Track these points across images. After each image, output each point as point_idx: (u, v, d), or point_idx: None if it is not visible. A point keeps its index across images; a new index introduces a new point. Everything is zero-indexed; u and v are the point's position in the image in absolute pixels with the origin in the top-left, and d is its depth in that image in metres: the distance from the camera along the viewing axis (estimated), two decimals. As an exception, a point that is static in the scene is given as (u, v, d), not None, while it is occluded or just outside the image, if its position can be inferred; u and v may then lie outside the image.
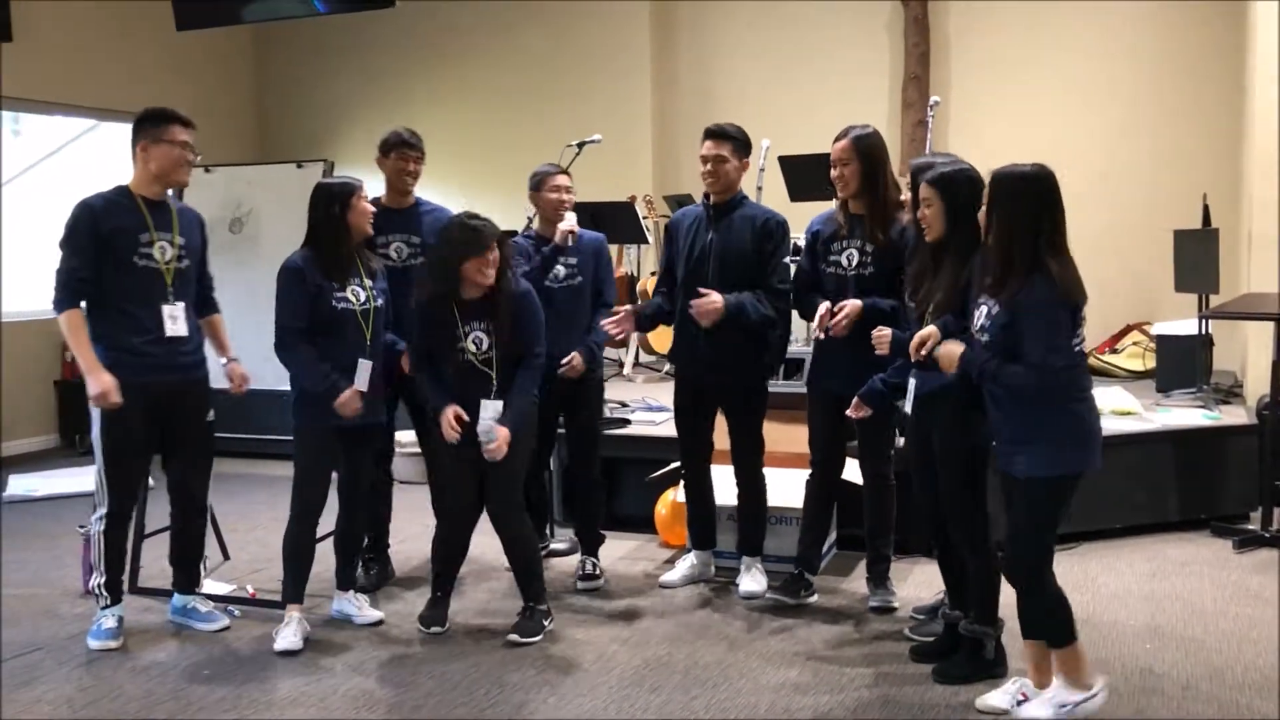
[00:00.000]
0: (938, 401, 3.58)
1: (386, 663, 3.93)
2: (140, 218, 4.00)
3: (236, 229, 7.65)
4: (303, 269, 4.02)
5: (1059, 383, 3.19)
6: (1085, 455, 3.25)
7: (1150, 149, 7.73)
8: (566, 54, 8.98)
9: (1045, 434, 3.21)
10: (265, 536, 5.48)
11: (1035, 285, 3.13)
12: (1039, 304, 3.13)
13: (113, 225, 3.95)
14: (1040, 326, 3.13)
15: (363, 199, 4.13)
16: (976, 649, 3.67)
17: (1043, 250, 3.14)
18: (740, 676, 3.76)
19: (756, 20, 8.66)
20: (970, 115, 8.02)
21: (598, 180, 7.19)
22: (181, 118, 4.10)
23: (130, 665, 3.94)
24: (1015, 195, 3.18)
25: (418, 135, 4.72)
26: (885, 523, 4.38)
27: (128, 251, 3.96)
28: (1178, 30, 7.67)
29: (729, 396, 4.51)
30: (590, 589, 4.67)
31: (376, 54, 9.44)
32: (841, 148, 4.12)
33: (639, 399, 6.48)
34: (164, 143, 4.03)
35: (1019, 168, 3.22)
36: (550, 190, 4.64)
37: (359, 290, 4.10)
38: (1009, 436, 3.29)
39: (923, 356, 3.41)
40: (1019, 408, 3.24)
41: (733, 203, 4.44)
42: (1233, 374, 6.93)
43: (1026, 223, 3.16)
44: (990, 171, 3.27)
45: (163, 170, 4.05)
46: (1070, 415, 3.23)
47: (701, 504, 4.70)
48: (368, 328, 4.10)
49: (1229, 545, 5.10)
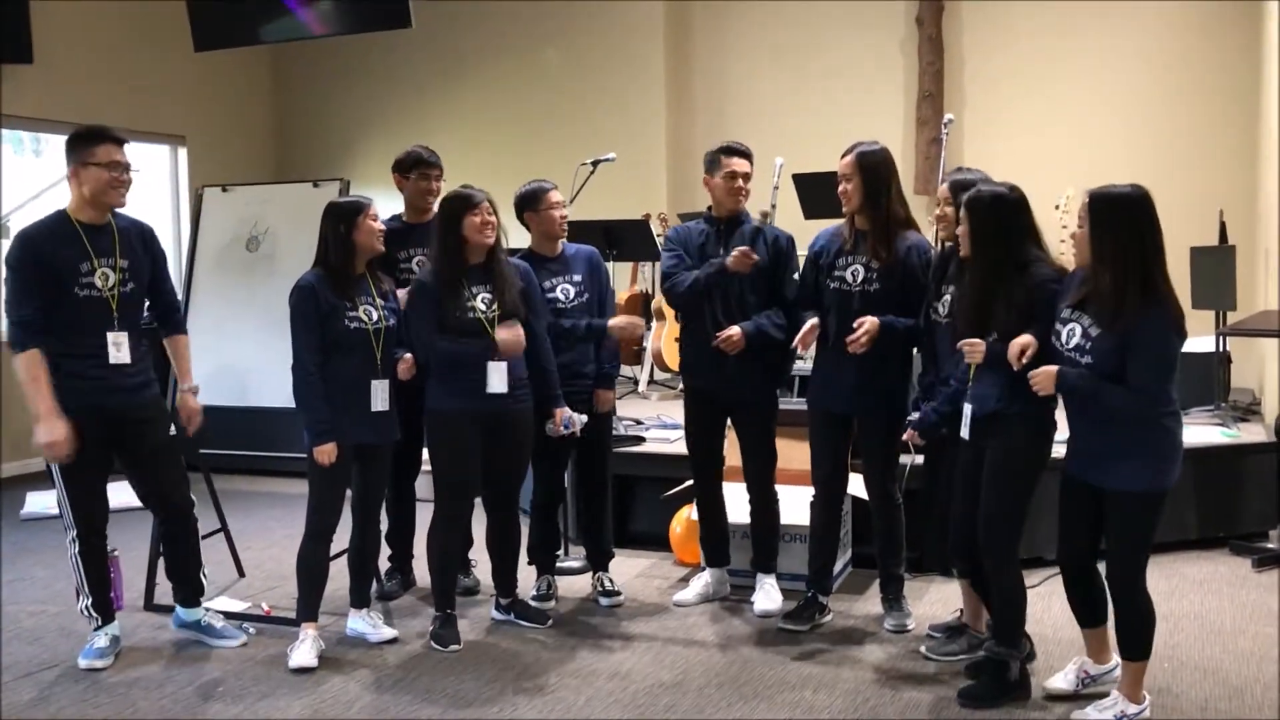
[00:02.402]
0: (997, 423, 3.56)
1: (401, 681, 3.93)
2: (80, 245, 3.85)
3: (253, 247, 7.70)
4: (315, 287, 4.04)
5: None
6: (1175, 469, 3.33)
7: (1166, 165, 7.70)
8: (581, 73, 9.02)
9: (1142, 449, 3.27)
10: (279, 554, 5.49)
11: (1153, 318, 3.17)
12: (1156, 339, 3.19)
13: (53, 255, 3.81)
14: (1152, 359, 3.19)
15: (371, 218, 4.11)
16: (1001, 671, 3.66)
17: (1155, 277, 3.18)
18: (755, 696, 3.74)
19: (771, 39, 8.69)
20: (985, 133, 8.02)
21: (612, 198, 7.22)
22: (112, 135, 3.91)
23: (144, 683, 3.95)
24: (1119, 218, 3.22)
25: (435, 153, 4.76)
26: (895, 542, 4.36)
27: (69, 282, 3.82)
28: (1192, 46, 7.66)
29: (740, 409, 4.51)
30: (615, 604, 4.66)
31: (393, 74, 9.50)
32: (846, 164, 4.14)
33: (654, 416, 6.48)
34: (93, 165, 3.83)
35: (1117, 189, 3.26)
36: (550, 207, 4.52)
37: (371, 310, 4.10)
38: (1103, 450, 3.33)
39: (1024, 363, 3.38)
40: (1115, 423, 3.29)
41: (739, 219, 4.47)
42: (1251, 391, 6.89)
43: (1135, 247, 3.19)
44: (1087, 192, 3.31)
45: (94, 193, 3.86)
46: (1164, 430, 3.28)
47: (714, 520, 4.69)
48: (379, 347, 4.10)
49: (1248, 564, 5.06)
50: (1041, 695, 3.66)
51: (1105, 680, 3.62)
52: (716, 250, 4.43)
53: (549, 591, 4.71)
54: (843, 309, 4.14)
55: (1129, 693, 3.42)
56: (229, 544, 5.16)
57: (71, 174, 3.88)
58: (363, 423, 4.07)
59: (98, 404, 3.90)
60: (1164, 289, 3.20)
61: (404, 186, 4.73)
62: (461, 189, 4.19)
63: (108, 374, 3.92)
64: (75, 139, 3.89)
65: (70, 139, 3.90)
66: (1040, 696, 3.65)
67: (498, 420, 4.17)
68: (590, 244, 5.23)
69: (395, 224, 4.64)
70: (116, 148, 3.90)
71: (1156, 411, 3.25)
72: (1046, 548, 4.49)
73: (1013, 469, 3.56)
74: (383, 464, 4.26)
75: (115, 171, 3.88)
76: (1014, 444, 3.54)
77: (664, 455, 5.56)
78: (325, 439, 3.99)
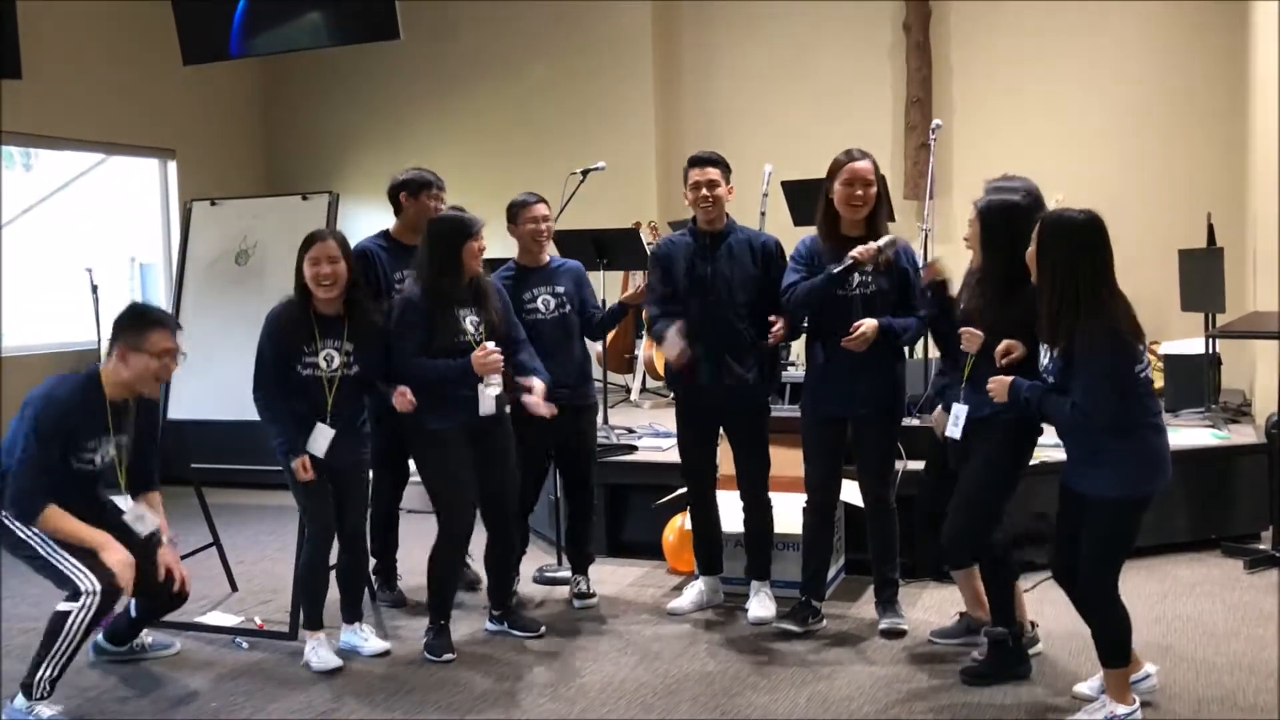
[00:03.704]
0: (986, 427, 3.71)
1: (395, 694, 3.92)
2: (101, 423, 3.80)
3: (242, 261, 7.69)
4: (277, 326, 4.05)
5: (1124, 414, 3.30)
6: (1153, 478, 3.38)
7: (1154, 168, 7.73)
8: (571, 82, 9.02)
9: (1113, 457, 3.32)
10: (271, 567, 5.47)
11: (1087, 333, 3.24)
12: (1091, 359, 3.25)
13: (73, 426, 3.75)
14: (1090, 378, 3.26)
15: (309, 262, 4.02)
16: (1000, 649, 3.82)
17: (1084, 296, 3.26)
18: (750, 705, 3.74)
19: (760, 46, 8.70)
20: (973, 138, 8.03)
21: (603, 207, 7.23)
22: (167, 321, 3.85)
23: (135, 699, 3.93)
24: (1056, 242, 3.32)
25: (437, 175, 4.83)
26: (889, 547, 4.36)
27: (74, 454, 3.77)
28: (1180, 50, 7.69)
29: (733, 417, 4.51)
30: (588, 606, 4.73)
31: (382, 87, 9.49)
32: (868, 169, 4.14)
33: (646, 425, 6.47)
34: (144, 353, 3.76)
35: (1066, 213, 3.36)
36: (527, 221, 4.61)
37: (334, 355, 4.07)
38: (1077, 457, 3.43)
39: (1003, 364, 3.58)
40: (1087, 431, 3.35)
41: (725, 229, 4.44)
42: (1241, 392, 6.90)
43: (1066, 270, 3.29)
44: (1042, 216, 3.42)
45: (134, 380, 3.80)
46: (1137, 439, 3.34)
47: (707, 528, 4.69)
48: (330, 395, 4.06)
49: (1240, 565, 5.06)
50: (1070, 697, 3.68)
51: (1138, 689, 3.54)
52: (705, 264, 4.38)
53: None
54: (846, 313, 4.12)
55: (1116, 695, 3.43)
56: (221, 558, 5.14)
57: (119, 354, 3.78)
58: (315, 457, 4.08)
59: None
60: (1106, 306, 3.27)
61: (409, 207, 4.71)
62: (456, 213, 4.19)
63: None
64: (129, 320, 3.81)
65: (122, 318, 3.82)
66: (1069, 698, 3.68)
67: (485, 431, 4.18)
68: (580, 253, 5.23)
69: (387, 243, 4.72)
70: (169, 335, 3.81)
71: (1127, 417, 3.29)
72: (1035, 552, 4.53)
73: (995, 468, 3.74)
74: (356, 486, 4.26)
75: (164, 360, 3.80)
76: (1000, 446, 3.72)
77: (656, 464, 5.56)
78: (294, 456, 4.01)
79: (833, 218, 4.21)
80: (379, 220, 4.71)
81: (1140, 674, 3.58)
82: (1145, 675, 3.60)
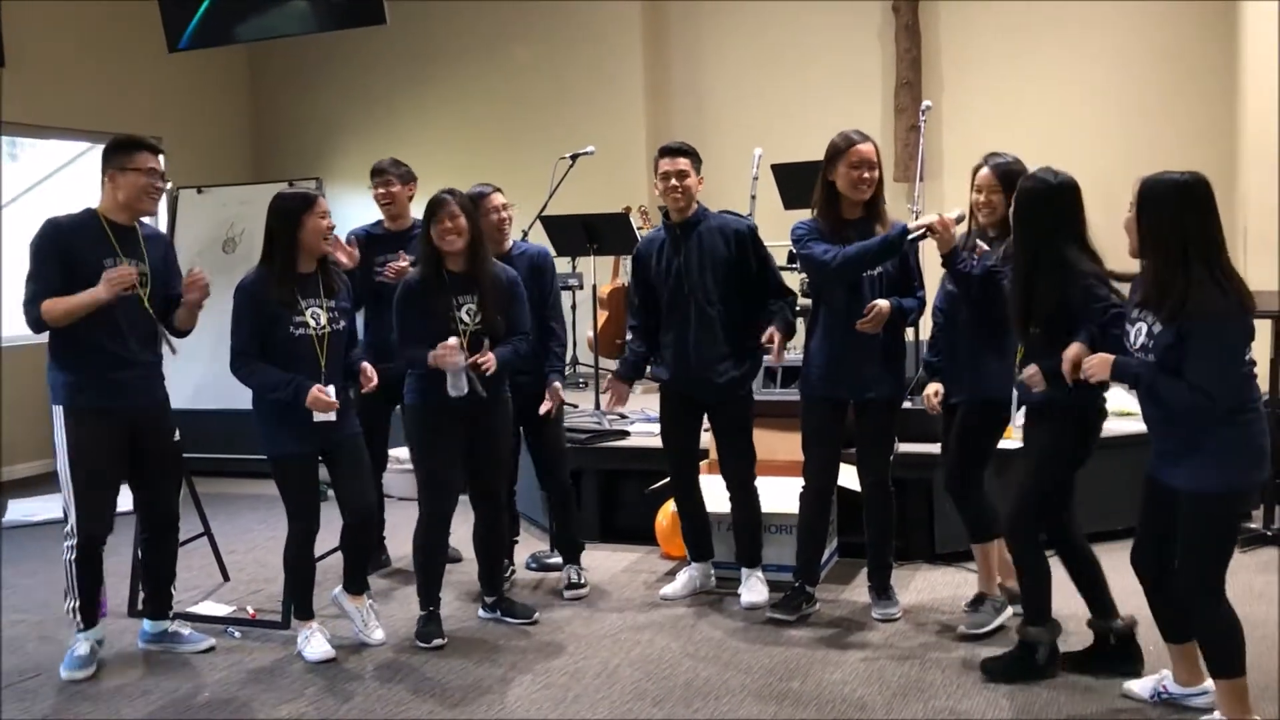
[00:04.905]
0: (1045, 411, 3.56)
1: (388, 681, 3.91)
2: (107, 244, 3.93)
3: (230, 249, 7.66)
4: (254, 292, 4.00)
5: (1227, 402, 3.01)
6: (1255, 470, 3.10)
7: (1143, 149, 7.69)
8: (558, 66, 8.98)
9: (1214, 447, 3.04)
10: (263, 556, 5.46)
11: (1206, 303, 2.95)
12: (1206, 330, 2.96)
13: (78, 246, 3.89)
14: (1206, 352, 2.97)
15: (318, 215, 4.02)
16: (1029, 651, 3.67)
17: (1195, 261, 2.97)
18: (743, 689, 3.74)
19: (748, 29, 8.66)
20: (963, 119, 8.02)
21: (592, 192, 7.21)
22: (149, 145, 4.05)
23: (129, 689, 3.92)
24: (1159, 206, 3.07)
25: (399, 162, 4.96)
26: (886, 531, 4.36)
27: (93, 276, 3.85)
28: (1169, 30, 7.67)
29: (716, 407, 4.50)
30: (577, 597, 4.69)
31: (368, 73, 9.45)
32: (872, 151, 4.10)
33: (638, 410, 6.45)
34: (131, 170, 3.95)
35: (1166, 176, 3.09)
36: (488, 212, 4.51)
37: (319, 312, 4.05)
38: (1171, 448, 3.14)
39: (1079, 378, 3.29)
40: (1184, 420, 3.08)
41: (695, 218, 4.41)
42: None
43: (1176, 234, 3.01)
44: (1140, 179, 3.17)
45: (130, 198, 3.98)
46: (1240, 428, 3.04)
47: (694, 515, 4.68)
48: (323, 353, 4.04)
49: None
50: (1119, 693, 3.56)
51: (1189, 704, 3.39)
52: (676, 255, 4.37)
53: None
54: (855, 297, 4.10)
55: (1230, 710, 3.13)
56: (213, 548, 5.12)
57: (108, 178, 3.99)
58: (308, 435, 4.02)
59: (117, 407, 3.94)
60: (1219, 275, 2.99)
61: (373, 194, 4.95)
62: (438, 193, 4.14)
63: (128, 377, 3.97)
64: (115, 146, 4.00)
65: (110, 145, 4.01)
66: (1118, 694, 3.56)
67: (477, 409, 4.14)
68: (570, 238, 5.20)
69: (376, 230, 4.99)
70: (153, 156, 4.03)
71: (1224, 409, 3.00)
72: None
73: (1053, 457, 3.59)
74: (351, 455, 4.18)
75: (152, 178, 4.00)
76: (1059, 433, 3.56)
77: (648, 449, 5.54)
78: (304, 390, 3.92)
79: (833, 199, 4.17)
80: (364, 205, 4.72)
81: (1197, 689, 3.39)
82: (1202, 691, 3.38)
